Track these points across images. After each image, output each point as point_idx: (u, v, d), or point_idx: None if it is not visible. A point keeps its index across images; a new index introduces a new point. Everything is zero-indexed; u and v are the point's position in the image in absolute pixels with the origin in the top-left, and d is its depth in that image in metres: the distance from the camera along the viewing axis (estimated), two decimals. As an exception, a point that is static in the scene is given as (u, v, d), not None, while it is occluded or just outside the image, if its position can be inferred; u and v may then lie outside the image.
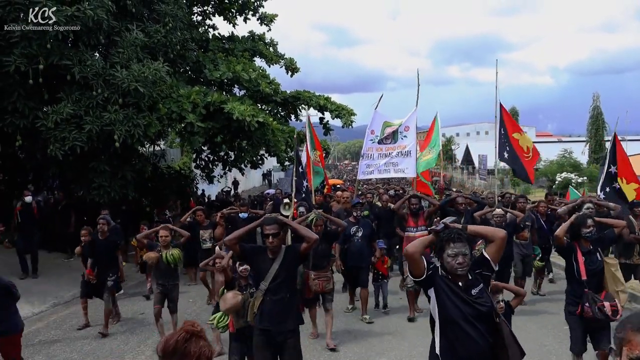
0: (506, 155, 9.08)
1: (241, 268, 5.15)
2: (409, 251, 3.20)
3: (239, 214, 9.65)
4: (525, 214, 8.32)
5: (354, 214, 7.93)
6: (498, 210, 7.74)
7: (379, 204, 11.78)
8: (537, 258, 9.01)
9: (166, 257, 6.71)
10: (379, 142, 9.49)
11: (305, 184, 9.10)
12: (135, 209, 13.62)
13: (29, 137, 10.22)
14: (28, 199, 11.05)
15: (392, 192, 14.85)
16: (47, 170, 12.18)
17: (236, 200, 17.86)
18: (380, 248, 8.21)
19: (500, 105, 9.17)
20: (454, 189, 26.72)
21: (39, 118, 9.69)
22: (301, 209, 8.37)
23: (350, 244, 7.78)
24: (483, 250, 3.34)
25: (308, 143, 10.00)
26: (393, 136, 9.41)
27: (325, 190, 12.32)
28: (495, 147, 9.08)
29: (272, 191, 21.01)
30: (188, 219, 9.60)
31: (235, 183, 23.81)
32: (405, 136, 9.33)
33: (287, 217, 7.76)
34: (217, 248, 7.83)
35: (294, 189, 8.78)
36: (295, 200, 8.54)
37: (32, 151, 10.65)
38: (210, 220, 10.04)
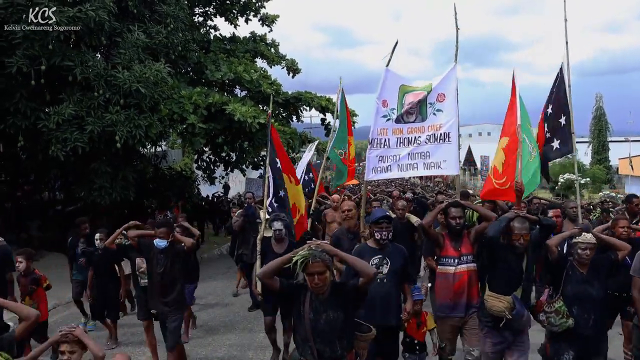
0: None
1: None
2: None
3: (155, 241, 5.48)
4: None
5: (377, 235, 4.63)
6: (588, 236, 4.31)
7: (390, 213, 7.34)
8: None
9: None
10: (396, 121, 5.98)
11: (281, 193, 6.38)
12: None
13: (30, 137, 10.24)
14: None
15: (409, 194, 10.96)
16: (49, 171, 12.22)
17: (223, 206, 16.89)
18: (419, 300, 4.97)
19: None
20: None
21: (41, 119, 9.70)
22: (277, 225, 5.73)
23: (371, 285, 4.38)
24: None
25: (339, 119, 7.85)
26: (419, 110, 5.96)
27: (316, 191, 8.84)
28: (572, 133, 6.31)
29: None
30: (119, 240, 6.31)
31: (226, 187, 23.64)
32: (439, 110, 5.91)
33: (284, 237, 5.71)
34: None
35: (267, 194, 6.22)
36: (270, 209, 6.20)
37: (34, 152, 10.67)
38: None
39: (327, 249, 3.57)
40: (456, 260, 4.82)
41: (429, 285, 5.84)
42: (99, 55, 10.97)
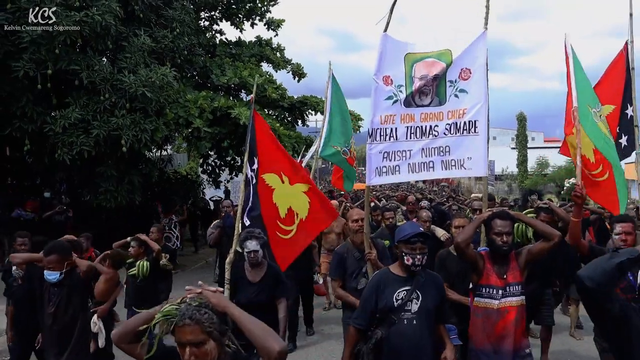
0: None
1: None
2: None
3: (44, 272, 4.08)
4: None
5: (408, 260, 3.35)
6: None
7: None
8: None
9: None
10: (405, 103, 4.40)
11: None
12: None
13: (37, 141, 10.27)
14: None
15: (425, 202, 9.49)
16: (55, 174, 12.26)
17: (220, 211, 16.11)
18: (455, 345, 3.89)
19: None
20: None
21: (47, 123, 9.74)
22: (251, 244, 4.43)
23: (394, 328, 3.36)
24: None
25: (328, 105, 6.49)
26: (436, 89, 4.39)
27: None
28: (636, 125, 5.25)
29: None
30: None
31: (227, 192, 23.90)
32: (462, 90, 4.37)
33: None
34: None
35: (241, 204, 4.87)
36: (246, 220, 4.87)
37: (40, 156, 10.71)
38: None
39: (213, 302, 2.02)
40: (500, 292, 3.66)
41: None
42: (105, 60, 11.00)
